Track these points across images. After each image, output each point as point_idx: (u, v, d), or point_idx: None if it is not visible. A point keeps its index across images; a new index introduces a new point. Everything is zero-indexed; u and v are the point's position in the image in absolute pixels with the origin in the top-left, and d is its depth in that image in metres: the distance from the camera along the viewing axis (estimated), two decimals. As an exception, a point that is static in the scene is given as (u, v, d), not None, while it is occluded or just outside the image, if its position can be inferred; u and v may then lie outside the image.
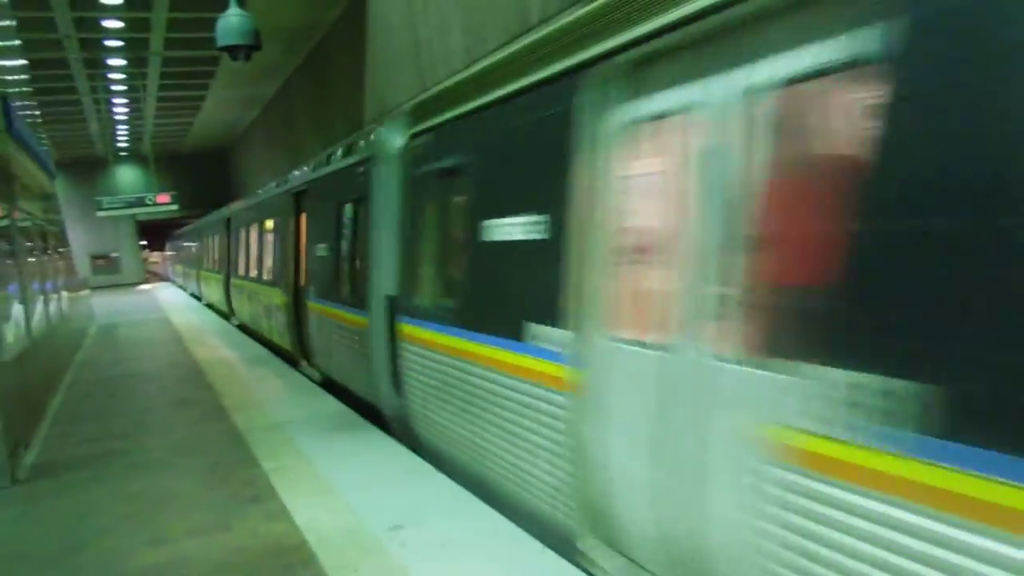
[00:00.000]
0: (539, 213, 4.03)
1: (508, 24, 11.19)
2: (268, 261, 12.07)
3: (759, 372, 2.64)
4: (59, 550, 4.45)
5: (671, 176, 3.20)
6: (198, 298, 26.07)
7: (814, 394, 2.39)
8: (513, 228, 4.33)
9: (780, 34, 2.65)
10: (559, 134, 3.82)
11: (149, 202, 26.97)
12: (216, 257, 19.59)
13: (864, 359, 2.24)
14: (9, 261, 6.98)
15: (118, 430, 7.26)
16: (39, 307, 8.72)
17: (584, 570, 3.71)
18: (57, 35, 19.59)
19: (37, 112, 15.27)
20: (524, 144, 4.29)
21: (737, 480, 2.73)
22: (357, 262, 7.39)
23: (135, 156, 41.50)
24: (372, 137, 6.95)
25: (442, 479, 5.07)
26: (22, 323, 7.31)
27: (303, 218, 9.76)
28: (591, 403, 3.63)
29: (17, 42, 12.57)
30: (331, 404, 7.58)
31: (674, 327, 3.08)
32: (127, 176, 41.55)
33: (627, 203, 3.51)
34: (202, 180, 43.47)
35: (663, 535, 3.25)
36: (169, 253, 43.21)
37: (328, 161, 8.56)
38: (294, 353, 10.31)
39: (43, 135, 14.98)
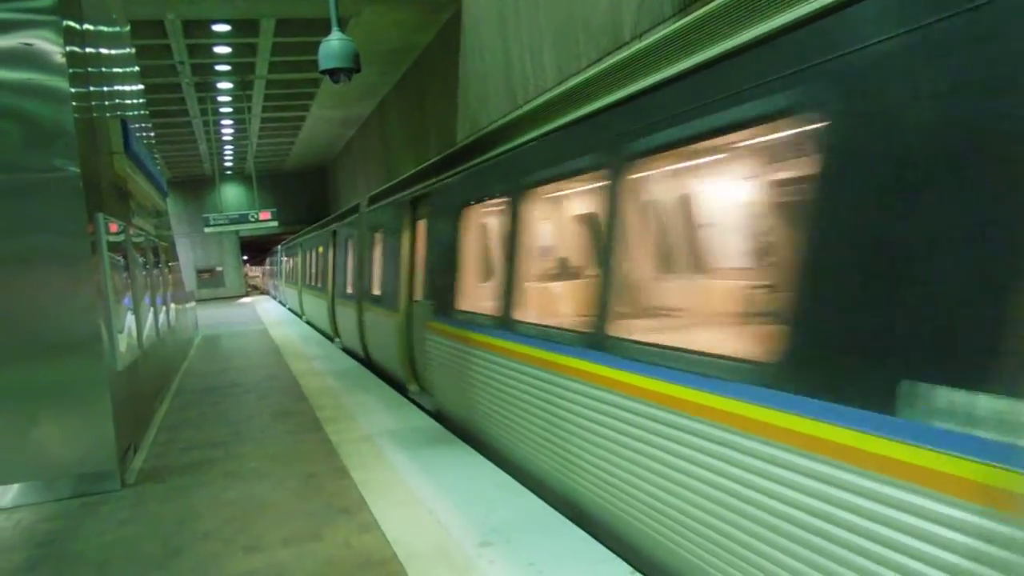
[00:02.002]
0: (399, 254, 9.08)
1: (600, 42, 11.16)
2: (322, 276, 17.46)
3: (429, 302, 7.48)
4: (162, 554, 4.64)
5: (422, 241, 8.23)
6: (283, 304, 27.68)
7: (432, 310, 7.29)
8: (396, 260, 9.39)
9: (445, 198, 7.40)
10: (406, 221, 8.88)
11: (252, 219, 28.13)
12: (292, 272, 25.34)
13: (431, 301, 7.48)
14: (123, 275, 7.37)
15: (219, 438, 7.56)
16: (150, 319, 9.18)
17: (415, 404, 8.28)
18: (172, 61, 20.77)
19: (152, 133, 16.16)
20: (395, 223, 9.38)
21: (423, 340, 7.73)
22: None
23: (239, 175, 43.43)
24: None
25: (531, 496, 5.04)
26: (134, 334, 7.70)
27: (337, 249, 15.33)
28: (407, 322, 8.71)
29: (136, 68, 13.34)
30: (421, 418, 7.68)
31: (428, 294, 7.75)
32: (231, 194, 43.49)
33: (416, 250, 8.63)
34: (301, 197, 45.06)
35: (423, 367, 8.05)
36: (267, 268, 44.98)
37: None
38: (330, 333, 16.36)
39: (157, 155, 15.86)
